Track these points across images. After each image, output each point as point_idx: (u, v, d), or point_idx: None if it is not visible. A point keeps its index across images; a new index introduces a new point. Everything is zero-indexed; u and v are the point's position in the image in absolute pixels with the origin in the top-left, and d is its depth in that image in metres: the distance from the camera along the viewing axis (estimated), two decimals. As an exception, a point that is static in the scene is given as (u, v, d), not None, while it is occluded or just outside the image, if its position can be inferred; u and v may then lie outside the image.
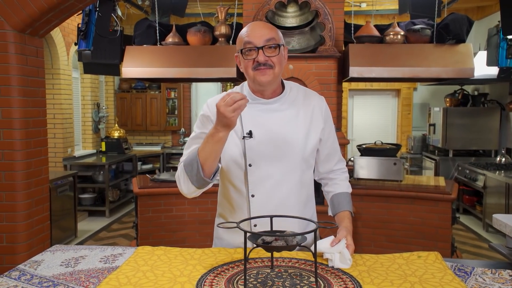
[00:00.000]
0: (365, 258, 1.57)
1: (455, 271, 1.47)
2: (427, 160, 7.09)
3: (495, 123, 6.54)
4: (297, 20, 4.22)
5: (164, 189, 4.31)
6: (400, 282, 1.36)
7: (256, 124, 1.65)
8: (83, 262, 1.51)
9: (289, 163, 1.66)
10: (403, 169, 4.32)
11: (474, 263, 1.55)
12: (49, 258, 1.55)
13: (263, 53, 1.57)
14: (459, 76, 4.07)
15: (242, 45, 1.60)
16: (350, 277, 1.40)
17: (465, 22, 4.29)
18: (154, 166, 7.82)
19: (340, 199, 1.80)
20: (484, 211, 5.79)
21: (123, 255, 1.58)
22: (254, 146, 1.63)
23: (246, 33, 1.60)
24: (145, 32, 4.47)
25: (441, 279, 1.38)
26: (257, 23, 1.65)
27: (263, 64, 1.57)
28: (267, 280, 1.35)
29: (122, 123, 7.96)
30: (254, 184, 1.65)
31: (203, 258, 1.55)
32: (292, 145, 1.66)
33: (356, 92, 8.09)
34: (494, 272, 1.46)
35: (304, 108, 1.72)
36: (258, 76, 1.59)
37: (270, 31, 1.59)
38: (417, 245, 4.13)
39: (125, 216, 6.70)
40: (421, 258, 1.56)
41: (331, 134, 1.80)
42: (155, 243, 4.33)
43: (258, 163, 1.64)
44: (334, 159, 1.84)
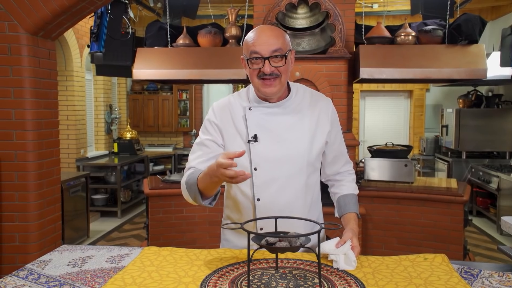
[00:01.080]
0: (371, 260, 1.56)
1: (461, 273, 1.46)
2: (439, 162, 7.01)
3: (509, 124, 6.45)
4: (307, 21, 4.21)
5: (175, 190, 4.32)
6: (405, 284, 1.35)
7: (261, 128, 1.65)
8: (90, 262, 1.53)
9: (294, 167, 1.66)
10: (414, 171, 4.28)
11: (482, 266, 1.53)
12: (56, 258, 1.57)
13: (269, 64, 1.55)
14: (471, 77, 4.03)
15: (248, 53, 1.58)
16: (354, 278, 1.39)
17: (477, 22, 4.24)
18: (165, 167, 7.87)
19: (347, 200, 1.79)
20: (498, 214, 5.71)
21: (129, 255, 1.60)
22: (259, 150, 1.64)
23: (252, 41, 1.57)
24: (157, 34, 4.51)
25: (446, 281, 1.37)
26: (264, 29, 1.61)
27: (269, 74, 1.56)
28: (271, 281, 1.36)
29: (134, 125, 8.03)
30: (259, 188, 1.65)
31: (208, 259, 1.56)
32: (297, 148, 1.65)
33: (368, 93, 8.04)
34: (501, 275, 1.44)
35: (310, 111, 1.71)
36: (263, 88, 1.59)
37: (277, 40, 1.56)
38: (428, 247, 4.09)
39: (137, 216, 6.75)
40: (427, 260, 1.55)
41: (337, 137, 1.79)
42: (165, 243, 4.35)
43: (263, 167, 1.64)
44: (341, 161, 1.83)
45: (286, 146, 1.65)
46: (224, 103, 1.75)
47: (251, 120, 1.65)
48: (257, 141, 1.63)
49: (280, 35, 1.60)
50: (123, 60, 4.61)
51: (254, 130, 1.64)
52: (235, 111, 1.69)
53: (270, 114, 1.66)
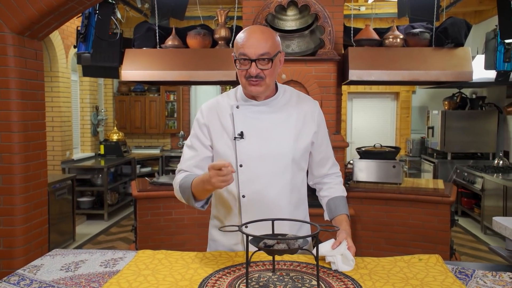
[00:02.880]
0: (367, 261, 1.57)
1: (456, 273, 1.47)
2: (425, 163, 7.09)
3: (492, 126, 6.56)
4: (296, 23, 4.23)
5: (163, 192, 4.30)
6: (402, 285, 1.35)
7: (247, 125, 1.68)
8: (84, 266, 1.50)
9: (279, 165, 1.68)
10: (402, 172, 4.32)
11: (475, 266, 1.55)
12: (48, 263, 1.54)
13: (255, 66, 1.58)
14: (457, 79, 4.08)
15: (237, 54, 1.61)
16: (351, 280, 1.39)
17: (463, 26, 4.30)
18: (153, 169, 7.81)
19: (337, 202, 1.81)
20: (483, 214, 5.80)
21: (123, 259, 1.58)
22: (245, 147, 1.66)
23: (241, 42, 1.60)
24: (145, 35, 4.48)
25: (442, 282, 1.38)
26: (255, 31, 1.63)
27: (255, 76, 1.59)
28: (269, 283, 1.35)
29: (121, 126, 7.95)
30: (244, 185, 1.67)
31: (204, 261, 1.54)
32: (283, 146, 1.68)
33: (355, 95, 8.10)
34: (494, 275, 1.46)
35: (296, 111, 1.73)
36: (249, 87, 1.63)
37: (265, 43, 1.59)
38: (416, 248, 4.13)
39: (124, 219, 6.68)
40: (422, 261, 1.56)
41: (324, 139, 1.82)
42: (154, 246, 4.32)
43: (249, 164, 1.66)
44: (328, 163, 1.85)
45: (271, 143, 1.67)
46: (212, 103, 1.79)
47: (238, 117, 1.68)
48: (243, 138, 1.66)
49: (270, 38, 1.62)
50: (111, 61, 4.56)
51: (240, 128, 1.67)
52: (222, 110, 1.73)
53: (257, 112, 1.69)
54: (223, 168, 1.41)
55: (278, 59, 1.65)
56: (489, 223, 5.65)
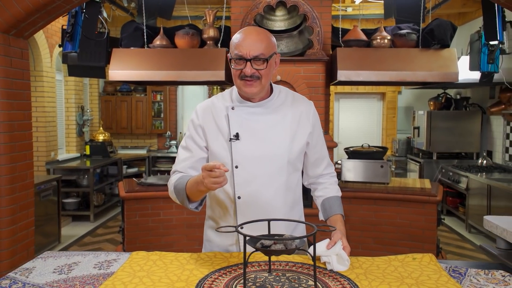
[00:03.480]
0: (361, 261, 1.58)
1: (449, 272, 1.49)
2: (411, 163, 7.17)
3: (476, 126, 6.66)
4: (285, 24, 4.24)
5: (152, 193, 4.27)
6: (398, 284, 1.37)
7: (243, 126, 1.67)
8: (77, 268, 1.48)
9: (275, 165, 1.68)
10: (390, 172, 4.36)
11: (466, 264, 1.57)
12: (40, 265, 1.51)
13: (250, 65, 1.59)
14: (444, 80, 4.14)
15: (233, 54, 1.62)
16: (348, 279, 1.40)
17: (449, 27, 4.37)
18: (139, 169, 7.74)
19: (331, 203, 1.81)
20: (467, 213, 5.89)
21: (117, 260, 1.56)
22: (240, 148, 1.66)
23: (237, 42, 1.61)
24: (133, 34, 4.44)
25: (437, 280, 1.40)
26: (251, 32, 1.63)
27: (250, 76, 1.60)
28: (266, 284, 1.35)
29: (107, 126, 7.86)
30: (240, 186, 1.67)
31: (199, 262, 1.54)
32: (278, 147, 1.68)
33: (342, 95, 8.15)
34: (487, 273, 1.49)
35: (291, 112, 1.73)
36: (244, 87, 1.63)
37: (260, 44, 1.59)
38: (404, 247, 4.17)
39: (110, 220, 6.61)
40: (415, 260, 1.58)
41: (319, 139, 1.82)
42: (142, 247, 4.28)
43: (244, 165, 1.66)
44: (323, 163, 1.86)
45: (267, 145, 1.67)
46: (207, 104, 1.78)
47: (233, 119, 1.68)
48: (238, 140, 1.66)
49: (265, 39, 1.62)
50: (97, 61, 4.51)
51: (236, 129, 1.67)
52: (217, 111, 1.72)
53: (252, 114, 1.69)
54: (215, 169, 1.40)
55: (273, 60, 1.66)
56: (474, 221, 5.74)
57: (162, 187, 4.33)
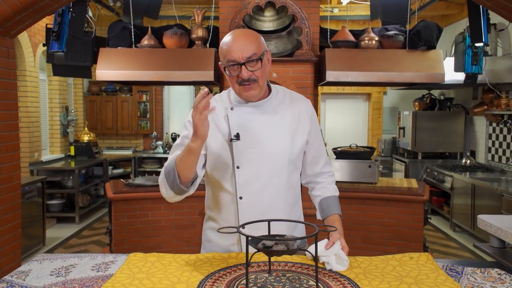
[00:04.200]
0: (359, 261, 1.59)
1: (446, 271, 1.51)
2: (397, 163, 7.26)
3: (460, 126, 6.77)
4: (274, 24, 4.24)
5: (140, 193, 4.24)
6: (397, 283, 1.38)
7: (243, 126, 1.67)
8: (74, 271, 1.46)
9: (276, 165, 1.68)
10: (377, 172, 4.41)
11: (463, 263, 1.59)
12: (36, 268, 1.49)
13: (246, 69, 1.57)
14: (430, 81, 4.19)
15: (225, 61, 1.60)
16: (348, 279, 1.41)
17: (435, 29, 4.43)
18: (125, 170, 7.67)
19: (329, 202, 1.82)
20: (452, 212, 5.98)
21: (115, 262, 1.54)
22: (241, 148, 1.65)
23: (227, 48, 1.59)
24: (120, 34, 4.39)
25: (435, 279, 1.42)
26: (238, 35, 1.62)
27: (247, 80, 1.59)
28: (267, 284, 1.35)
29: (92, 127, 7.76)
30: (241, 186, 1.66)
31: (198, 264, 1.53)
32: (279, 147, 1.68)
33: (328, 96, 8.20)
34: (483, 271, 1.51)
35: (290, 111, 1.73)
36: (244, 92, 1.63)
37: (251, 45, 1.58)
38: (392, 246, 4.21)
39: (96, 222, 6.53)
40: (413, 259, 1.60)
41: (317, 137, 1.83)
42: (130, 249, 4.24)
43: (245, 165, 1.66)
44: (321, 161, 1.86)
45: (267, 144, 1.67)
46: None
47: (233, 119, 1.68)
48: (239, 140, 1.65)
49: (254, 39, 1.62)
50: (83, 61, 4.45)
51: (236, 129, 1.66)
52: (216, 112, 1.69)
53: (252, 114, 1.69)
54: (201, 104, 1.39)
55: (266, 58, 1.65)
56: (458, 220, 5.84)
57: (151, 188, 4.30)
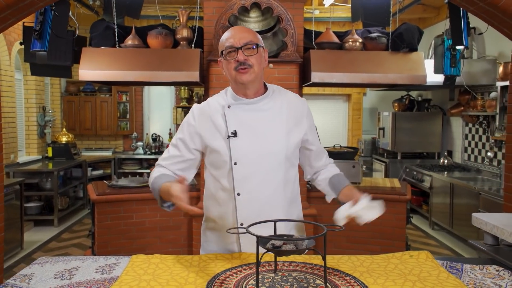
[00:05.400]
0: (361, 259, 1.62)
1: (447, 268, 1.55)
2: (377, 163, 7.38)
3: (437, 127, 6.94)
4: (259, 25, 4.25)
5: (124, 195, 4.18)
6: (402, 281, 1.41)
7: (240, 123, 1.71)
8: (78, 273, 1.44)
9: (273, 161, 1.72)
10: (361, 172, 4.47)
11: (460, 260, 1.64)
12: (39, 271, 1.45)
13: (242, 53, 1.65)
14: (413, 82, 4.28)
15: (224, 48, 1.69)
16: (353, 278, 1.43)
17: (416, 31, 4.53)
18: (105, 171, 7.54)
19: (339, 178, 1.86)
20: (431, 210, 6.12)
21: (118, 264, 1.52)
22: (238, 144, 1.69)
23: (226, 37, 1.70)
24: (103, 33, 4.32)
25: (437, 276, 1.45)
26: (237, 27, 1.76)
27: (243, 64, 1.65)
28: (275, 284, 1.36)
29: (70, 128, 7.59)
30: (239, 182, 1.69)
31: (202, 265, 1.52)
32: (276, 143, 1.72)
33: (309, 96, 8.27)
34: (481, 268, 1.56)
35: (286, 109, 1.78)
36: (239, 76, 1.67)
37: (248, 34, 1.70)
38: (375, 245, 4.28)
39: (76, 224, 6.40)
40: (413, 258, 1.63)
41: (315, 135, 1.89)
42: (114, 251, 4.18)
43: (243, 161, 1.69)
44: (323, 156, 1.93)
45: (264, 141, 1.71)
46: (203, 105, 1.81)
47: (230, 116, 1.71)
48: (236, 137, 1.68)
49: (251, 31, 1.75)
50: (63, 60, 4.36)
51: (233, 126, 1.70)
52: (213, 110, 1.75)
53: (249, 111, 1.73)
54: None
55: (261, 51, 1.72)
56: (437, 219, 5.98)
57: (135, 189, 4.25)
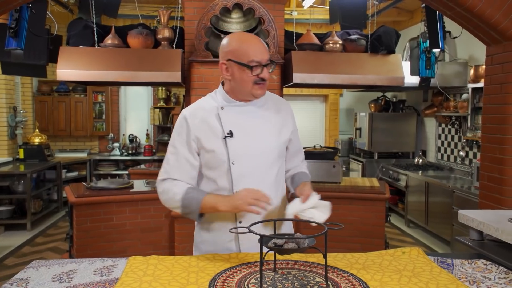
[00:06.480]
0: (356, 257, 1.65)
1: (438, 263, 1.60)
2: (354, 162, 7.50)
3: (412, 127, 7.11)
4: (241, 26, 4.27)
5: (104, 197, 4.11)
6: (398, 277, 1.45)
7: (235, 124, 1.76)
8: (77, 276, 1.41)
9: (267, 160, 1.79)
10: (341, 171, 4.54)
11: (451, 256, 1.70)
12: (35, 275, 1.42)
13: (267, 70, 1.72)
14: (391, 83, 4.38)
15: (247, 61, 1.69)
16: (351, 275, 1.46)
17: (394, 34, 4.65)
18: (80, 173, 7.38)
19: (300, 175, 1.95)
20: (406, 209, 6.27)
21: (116, 266, 1.51)
22: (235, 144, 1.74)
23: (250, 49, 1.69)
24: (82, 32, 4.24)
25: (430, 272, 1.50)
26: (256, 39, 1.76)
27: (263, 80, 1.72)
28: (276, 283, 1.37)
29: (43, 128, 7.39)
30: (237, 181, 1.74)
31: (201, 265, 1.53)
32: (268, 143, 1.79)
33: (287, 97, 8.14)
34: (470, 262, 1.62)
35: (275, 110, 1.87)
36: (257, 91, 1.74)
37: (267, 51, 1.76)
38: (355, 243, 4.35)
39: (50, 228, 6.23)
40: (405, 254, 1.68)
41: (296, 135, 1.99)
42: (93, 254, 4.10)
43: (240, 160, 1.74)
44: (300, 155, 2.03)
45: (258, 140, 1.77)
46: (192, 109, 1.83)
47: (225, 117, 1.76)
48: (232, 137, 1.73)
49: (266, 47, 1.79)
50: (38, 59, 4.26)
51: (228, 127, 1.74)
52: (206, 112, 1.78)
53: (241, 112, 1.79)
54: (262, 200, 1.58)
55: None
56: (413, 217, 6.13)
57: (115, 191, 4.19)
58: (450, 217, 5.06)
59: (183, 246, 4.14)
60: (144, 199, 4.25)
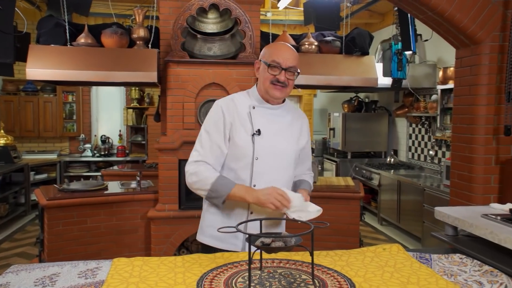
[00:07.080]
0: (339, 254, 1.68)
1: (417, 259, 1.65)
2: (327, 162, 7.60)
3: (384, 127, 7.26)
4: (217, 27, 4.26)
5: (77, 199, 4.03)
6: (381, 272, 1.49)
7: (263, 124, 1.90)
8: (60, 280, 1.38)
9: (286, 161, 1.94)
10: (317, 171, 4.59)
11: (428, 251, 1.75)
12: (15, 280, 1.38)
13: (285, 74, 1.83)
14: (365, 84, 4.47)
15: (270, 60, 1.84)
16: (336, 272, 1.49)
17: (367, 36, 4.74)
18: (49, 175, 7.17)
19: (302, 182, 2.05)
20: (379, 207, 6.40)
21: (100, 268, 1.48)
22: (261, 142, 1.88)
23: (276, 50, 1.86)
24: (53, 30, 4.14)
25: (411, 267, 1.55)
26: (289, 47, 1.90)
27: (281, 82, 1.84)
28: (263, 281, 1.38)
29: (9, 129, 7.15)
30: (257, 175, 1.87)
31: (187, 265, 1.52)
32: (289, 145, 1.95)
33: (260, 98, 8.34)
34: (447, 257, 1.67)
35: (296, 119, 2.02)
36: (273, 91, 1.86)
37: (295, 59, 1.87)
38: (331, 242, 4.42)
39: (17, 232, 6.03)
40: (386, 250, 1.72)
41: (308, 143, 2.11)
42: (66, 258, 4.01)
43: (263, 157, 1.88)
44: (307, 163, 2.13)
45: (282, 142, 1.92)
46: (227, 101, 1.95)
47: (255, 116, 1.90)
48: (259, 135, 1.87)
49: (297, 56, 1.90)
50: (4, 57, 4.13)
51: (258, 125, 1.88)
52: (239, 108, 1.92)
53: (270, 114, 1.93)
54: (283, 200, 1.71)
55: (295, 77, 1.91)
56: (385, 215, 6.26)
57: (89, 193, 4.11)
58: (421, 215, 5.19)
59: (159, 248, 4.10)
60: (119, 201, 4.19)
